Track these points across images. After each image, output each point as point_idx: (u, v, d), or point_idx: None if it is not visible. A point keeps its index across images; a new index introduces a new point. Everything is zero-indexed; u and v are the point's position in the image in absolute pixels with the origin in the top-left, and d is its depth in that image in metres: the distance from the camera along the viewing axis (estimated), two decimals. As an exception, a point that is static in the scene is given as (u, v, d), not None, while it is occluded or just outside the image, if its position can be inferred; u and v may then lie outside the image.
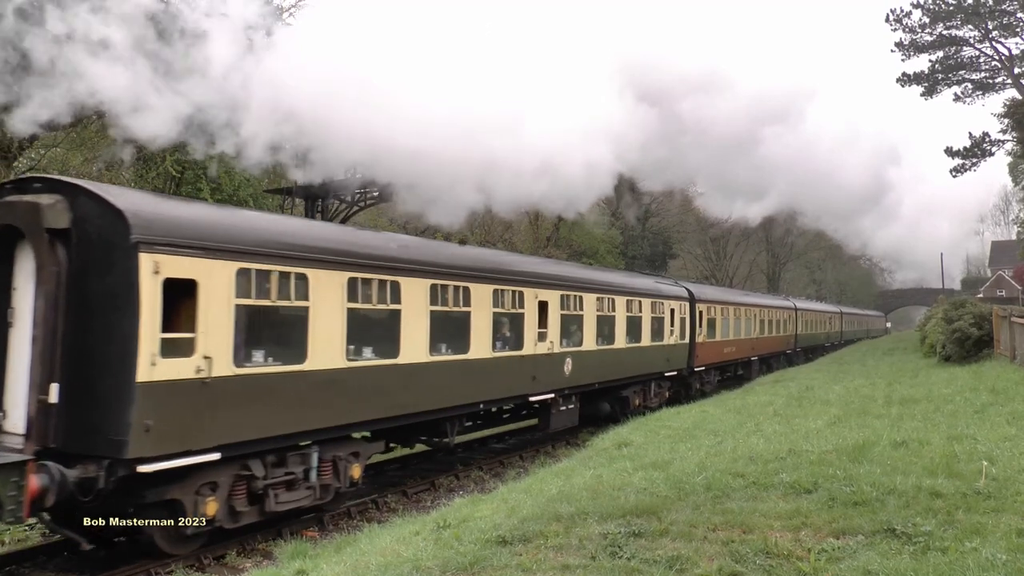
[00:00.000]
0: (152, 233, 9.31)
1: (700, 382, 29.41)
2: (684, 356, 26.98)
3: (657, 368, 24.75)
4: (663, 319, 24.96)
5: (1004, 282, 75.91)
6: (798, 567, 6.34)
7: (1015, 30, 44.88)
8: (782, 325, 42.83)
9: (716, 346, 30.50)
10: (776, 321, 41.54)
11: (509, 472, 17.40)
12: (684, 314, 27.01)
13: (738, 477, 9.47)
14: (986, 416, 13.70)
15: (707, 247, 70.70)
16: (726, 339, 31.86)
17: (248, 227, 11.22)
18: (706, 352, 29.08)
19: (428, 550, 7.67)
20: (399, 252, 13.84)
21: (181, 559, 10.65)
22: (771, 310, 41.06)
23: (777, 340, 41.74)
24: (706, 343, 29.07)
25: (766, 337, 39.14)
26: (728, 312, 32.20)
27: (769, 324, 39.79)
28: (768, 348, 39.80)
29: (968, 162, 44.97)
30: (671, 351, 25.75)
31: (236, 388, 10.27)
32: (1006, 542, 6.51)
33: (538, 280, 17.95)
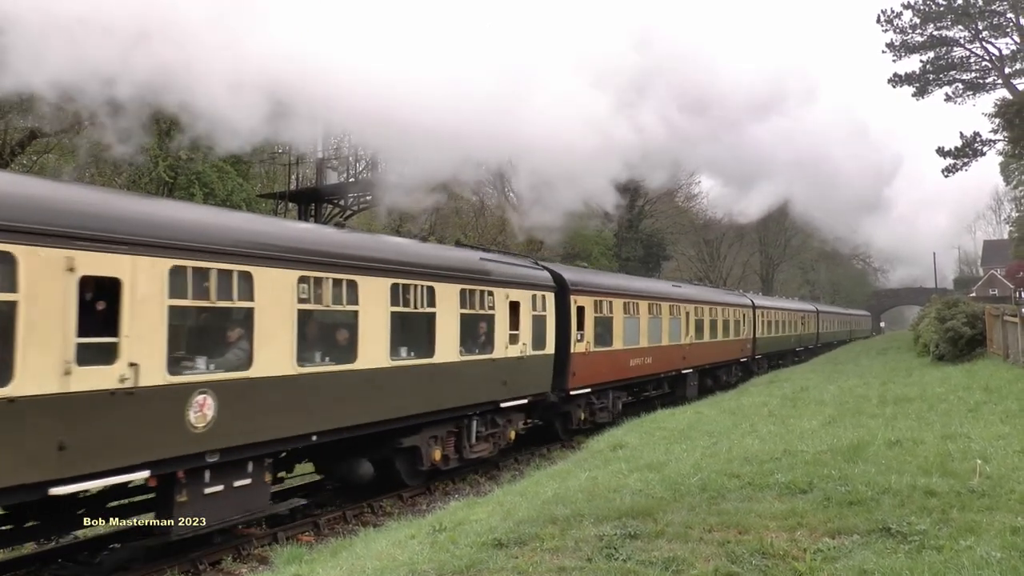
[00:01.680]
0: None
1: (585, 409, 21.35)
2: (546, 374, 18.66)
3: (483, 395, 16.03)
4: (492, 318, 16.34)
5: (996, 281, 76.26)
6: (794, 567, 6.34)
7: (1005, 30, 45.12)
8: (733, 327, 34.97)
9: (612, 357, 22.34)
10: (724, 322, 33.47)
11: (504, 475, 17.39)
12: (545, 310, 18.63)
13: (733, 478, 9.48)
14: (980, 415, 13.75)
15: (701, 248, 70.77)
16: (633, 347, 23.66)
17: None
18: (593, 366, 20.95)
19: (424, 554, 7.66)
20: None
21: (176, 564, 10.63)
22: (714, 307, 32.49)
23: (725, 346, 33.66)
24: (593, 353, 20.91)
25: (708, 343, 31.09)
26: (635, 309, 23.97)
27: (712, 326, 31.78)
28: (711, 357, 31.72)
29: (960, 162, 45.11)
30: (514, 369, 17.03)
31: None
32: (1000, 540, 6.53)
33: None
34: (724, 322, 33.47)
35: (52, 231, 8.24)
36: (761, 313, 40.07)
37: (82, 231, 8.52)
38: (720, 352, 33.01)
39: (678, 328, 27.72)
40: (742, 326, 36.45)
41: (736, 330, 35.40)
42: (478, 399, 15.73)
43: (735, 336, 35.29)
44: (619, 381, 23.04)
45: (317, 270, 11.54)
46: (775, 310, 44.31)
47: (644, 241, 53.89)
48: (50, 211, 8.40)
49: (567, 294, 19.77)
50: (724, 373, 34.34)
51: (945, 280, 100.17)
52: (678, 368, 27.85)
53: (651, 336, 25.06)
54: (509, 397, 16.71)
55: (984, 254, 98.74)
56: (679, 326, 27.80)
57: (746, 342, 37.17)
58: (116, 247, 8.82)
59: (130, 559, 10.97)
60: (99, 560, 11.11)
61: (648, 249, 54.04)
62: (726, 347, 33.85)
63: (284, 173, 27.90)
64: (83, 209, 8.85)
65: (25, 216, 8.07)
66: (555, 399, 19.40)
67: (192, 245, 9.68)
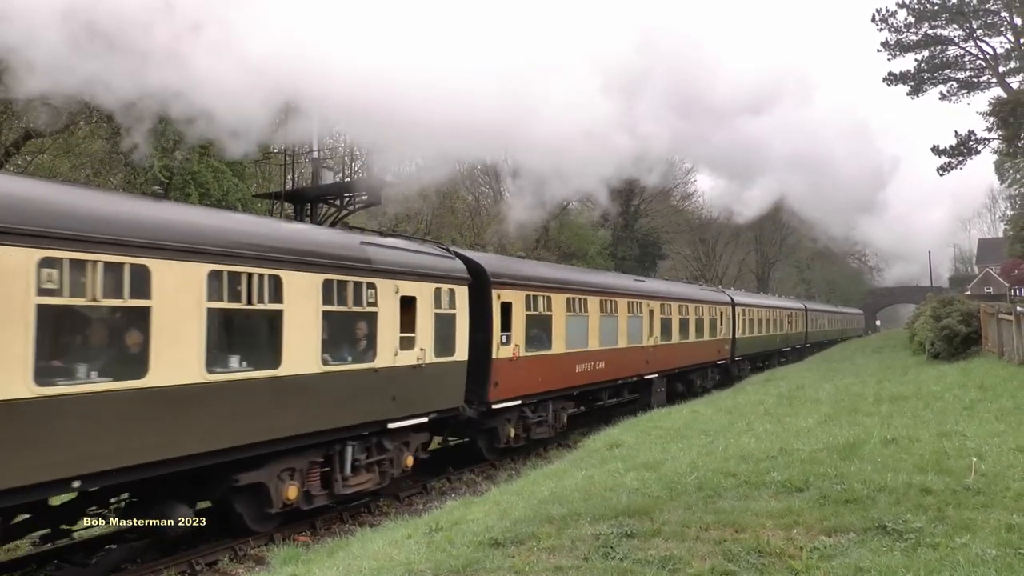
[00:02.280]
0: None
1: (517, 424, 18.07)
2: (457, 385, 15.42)
3: (360, 415, 12.74)
4: (374, 317, 12.91)
5: (992, 279, 76.39)
6: (790, 565, 6.35)
7: (999, 29, 45.26)
8: (709, 326, 31.95)
9: (551, 363, 19.00)
10: (697, 321, 30.43)
11: (501, 474, 17.40)
12: (455, 307, 15.21)
13: (730, 476, 9.49)
14: (975, 412, 13.78)
15: (696, 247, 70.84)
16: (580, 350, 20.49)
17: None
18: (524, 374, 17.67)
19: (420, 553, 7.66)
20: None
21: (173, 565, 10.62)
22: (685, 304, 29.32)
23: (699, 348, 30.57)
24: (524, 359, 17.60)
25: (677, 344, 28.10)
26: (582, 306, 20.77)
27: (683, 325, 28.70)
28: (682, 359, 28.75)
29: (955, 160, 45.20)
30: (408, 380, 13.72)
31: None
32: (995, 537, 6.55)
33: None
34: (698, 321, 30.46)
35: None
36: (742, 311, 37.02)
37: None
38: (693, 354, 29.82)
39: (639, 328, 24.52)
40: (719, 325, 33.44)
41: (712, 330, 32.46)
42: (353, 420, 12.50)
43: (711, 336, 32.26)
44: (562, 390, 19.60)
45: (64, 249, 8.32)
46: (758, 308, 41.03)
47: (640, 240, 53.94)
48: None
49: (487, 287, 16.53)
50: (698, 377, 31.19)
51: (941, 278, 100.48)
52: (640, 373, 24.70)
53: (604, 337, 21.81)
54: (401, 415, 13.61)
55: (979, 252, 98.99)
56: (641, 326, 24.61)
57: (724, 343, 34.17)
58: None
59: (126, 559, 10.96)
60: (95, 561, 11.10)
61: (644, 248, 54.10)
62: (700, 348, 30.69)
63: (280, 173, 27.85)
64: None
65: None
66: (473, 414, 16.16)
67: (68, 234, 8.37)
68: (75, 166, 25.11)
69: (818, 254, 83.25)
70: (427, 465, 16.63)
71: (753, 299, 42.62)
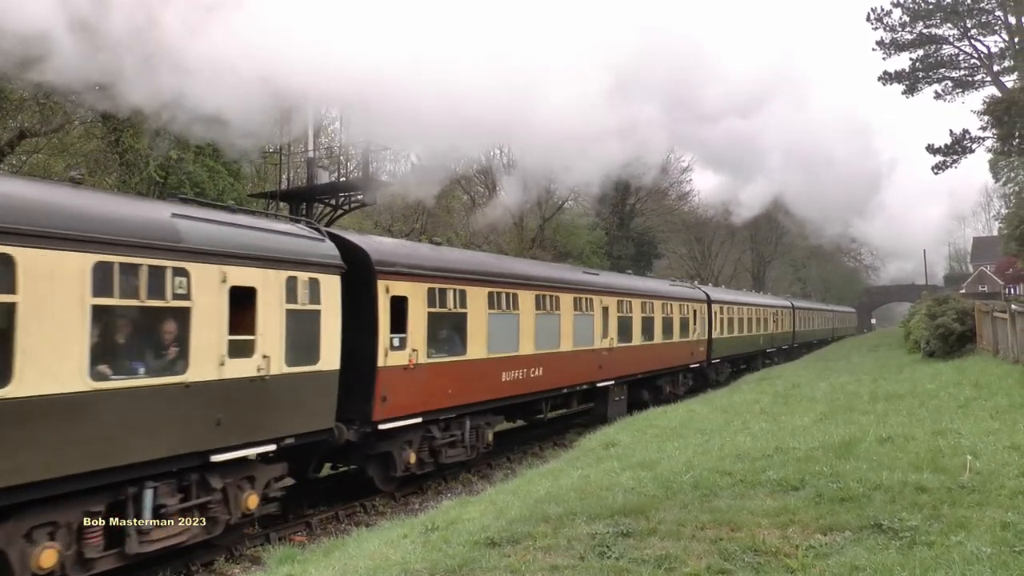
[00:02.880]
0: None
1: (420, 447, 14.86)
2: (324, 401, 12.11)
3: (163, 447, 9.52)
4: (186, 313, 9.84)
5: (986, 277, 76.59)
6: (786, 564, 6.36)
7: (993, 28, 45.33)
8: (680, 326, 28.73)
9: (466, 370, 15.77)
10: (666, 320, 27.34)
11: (497, 474, 17.40)
12: (319, 301, 12.01)
13: (725, 475, 9.50)
14: (970, 411, 13.81)
15: (692, 246, 70.87)
16: (508, 354, 17.14)
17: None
18: (426, 385, 14.51)
19: (416, 553, 7.66)
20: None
21: (170, 565, 10.59)
22: (650, 301, 26.17)
23: (668, 350, 27.37)
24: (426, 367, 14.42)
25: (641, 347, 24.96)
26: (511, 302, 17.37)
27: (647, 324, 25.63)
28: (647, 363, 25.57)
29: (949, 159, 45.28)
30: (244, 397, 10.63)
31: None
32: (990, 535, 6.56)
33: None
34: (666, 320, 27.36)
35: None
36: (720, 309, 33.86)
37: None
38: (660, 357, 26.69)
39: (590, 328, 21.34)
40: (693, 325, 30.24)
41: (684, 330, 29.30)
42: (153, 453, 9.34)
43: (683, 337, 29.06)
44: (483, 403, 16.42)
45: None
46: (739, 305, 37.79)
47: (635, 240, 53.96)
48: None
49: (372, 278, 13.34)
50: (667, 383, 28.03)
51: (936, 277, 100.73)
52: (592, 380, 21.55)
53: (542, 339, 18.51)
54: (232, 444, 10.43)
55: (974, 251, 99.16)
56: (592, 325, 21.45)
57: (699, 344, 31.01)
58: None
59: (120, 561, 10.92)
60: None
61: (639, 248, 54.13)
62: (669, 351, 27.50)
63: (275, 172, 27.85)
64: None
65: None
66: (353, 437, 12.90)
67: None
68: (69, 166, 25.05)
69: (814, 253, 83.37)
70: (314, 496, 14.69)
71: (733, 296, 39.15)
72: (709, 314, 32.38)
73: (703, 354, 31.61)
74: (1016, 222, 40.61)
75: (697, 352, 30.84)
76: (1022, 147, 37.55)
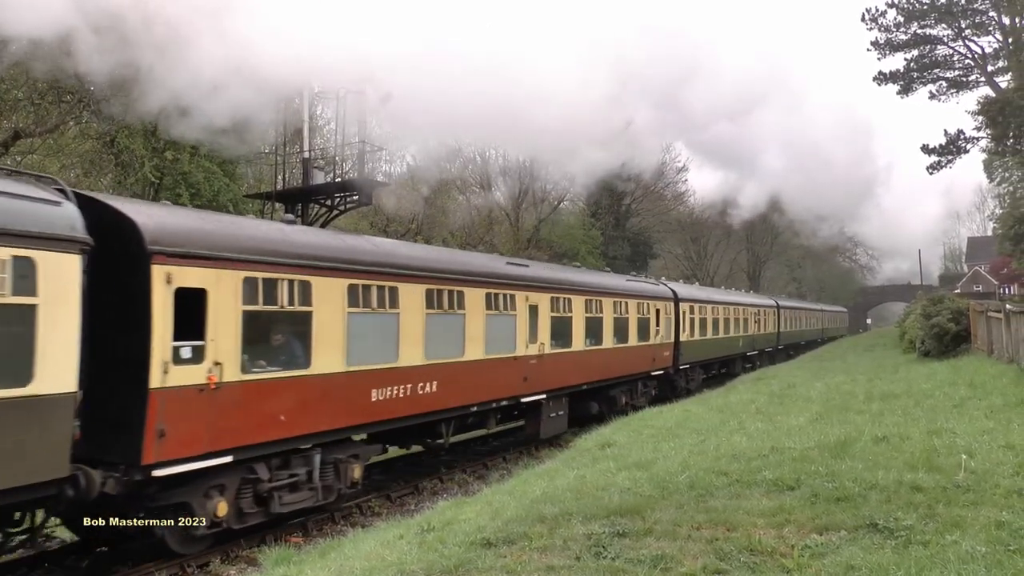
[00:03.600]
0: None
1: (241, 493, 11.21)
2: (46, 441, 8.42)
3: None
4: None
5: (981, 277, 76.85)
6: (782, 564, 6.37)
7: (987, 28, 45.40)
8: (638, 327, 24.92)
9: (309, 389, 11.99)
10: (620, 320, 23.57)
11: (493, 474, 17.40)
12: (25, 290, 8.22)
13: (721, 475, 9.51)
14: (964, 410, 13.84)
15: (688, 247, 70.95)
16: (382, 366, 13.53)
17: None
18: (244, 409, 10.81)
19: (412, 554, 7.65)
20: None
21: (164, 567, 10.57)
22: (599, 299, 22.37)
23: (621, 356, 23.58)
24: (240, 387, 10.75)
25: (584, 352, 21.24)
26: (385, 297, 13.75)
27: (595, 326, 21.91)
28: (595, 372, 21.96)
29: (944, 159, 45.37)
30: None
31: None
32: (985, 534, 6.58)
33: None
34: (620, 321, 23.50)
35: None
36: (690, 308, 30.18)
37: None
38: (610, 365, 22.81)
39: (510, 331, 17.55)
40: (655, 326, 26.40)
41: (644, 332, 25.38)
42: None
43: (642, 340, 25.16)
44: (342, 431, 12.72)
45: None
46: (713, 304, 33.86)
47: (631, 240, 54.01)
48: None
49: (141, 260, 9.60)
50: (624, 393, 24.28)
51: (931, 276, 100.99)
52: (516, 395, 17.79)
53: (436, 346, 14.80)
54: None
55: (968, 251, 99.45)
56: (513, 328, 17.71)
57: (664, 348, 27.18)
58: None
59: (117, 562, 10.91)
60: (85, 564, 11.06)
61: (635, 248, 54.17)
62: (623, 356, 23.73)
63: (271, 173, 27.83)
64: None
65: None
66: (113, 489, 9.28)
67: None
68: (65, 166, 25.00)
69: (809, 253, 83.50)
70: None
71: (706, 294, 35.68)
72: (676, 314, 28.73)
73: (668, 359, 27.90)
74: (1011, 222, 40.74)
75: (661, 357, 27.12)
76: (1016, 147, 37.63)
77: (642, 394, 25.95)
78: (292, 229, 12.79)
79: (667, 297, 28.35)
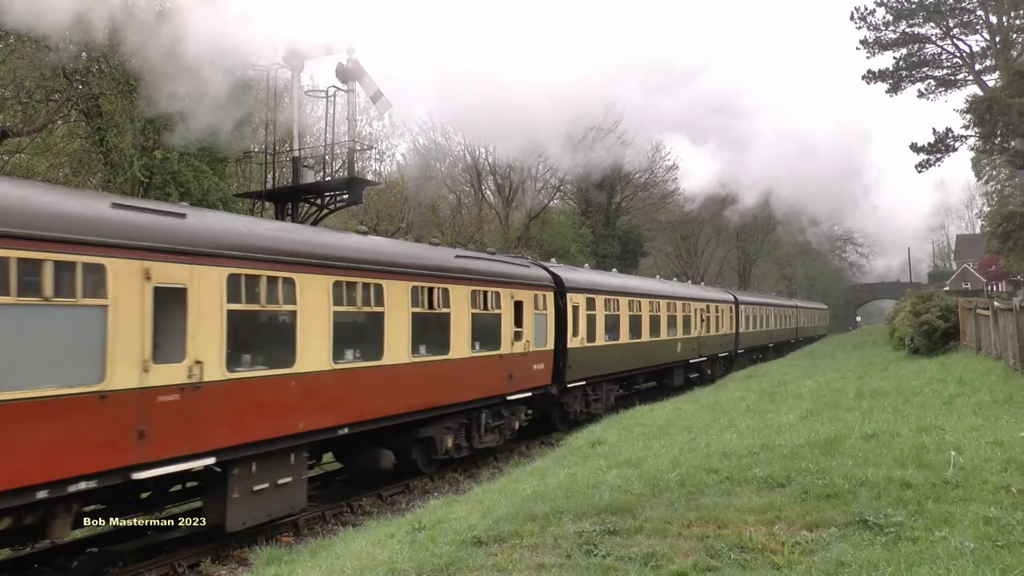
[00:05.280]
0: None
1: None
2: None
3: None
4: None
5: (969, 275, 77.31)
6: (772, 560, 6.38)
7: (975, 27, 45.67)
8: (485, 332, 16.96)
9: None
10: (426, 320, 14.89)
11: (483, 472, 17.39)
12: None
13: (712, 473, 9.53)
14: (953, 407, 13.92)
15: (678, 245, 70.99)
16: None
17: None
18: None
19: (403, 552, 7.65)
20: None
21: (155, 567, 10.53)
22: (372, 280, 13.40)
23: (431, 375, 15.05)
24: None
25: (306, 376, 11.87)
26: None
27: (364, 333, 13.41)
28: (357, 407, 13.08)
29: (932, 157, 45.56)
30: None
31: None
32: (974, 530, 6.61)
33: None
34: (435, 319, 15.28)
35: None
36: (584, 302, 21.76)
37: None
38: (413, 387, 14.49)
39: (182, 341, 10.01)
40: (505, 328, 17.75)
41: (491, 339, 17.22)
42: None
43: (488, 349, 17.02)
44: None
45: None
46: (624, 297, 24.89)
47: (621, 238, 54.04)
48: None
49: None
50: (453, 431, 16.22)
51: (920, 274, 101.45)
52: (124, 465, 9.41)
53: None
54: None
55: (957, 248, 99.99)
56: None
57: (533, 359, 18.96)
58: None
59: (107, 563, 10.86)
60: (76, 564, 11.00)
61: (625, 246, 54.20)
62: (437, 376, 15.28)
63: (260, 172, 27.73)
64: None
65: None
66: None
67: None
68: (53, 165, 24.85)
69: (799, 251, 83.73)
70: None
71: (616, 281, 26.01)
72: (566, 309, 20.73)
73: (543, 375, 19.64)
74: (998, 220, 40.98)
75: (529, 372, 18.76)
76: (1004, 145, 37.84)
77: (492, 429, 17.84)
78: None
79: (541, 284, 19.75)
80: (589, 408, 23.03)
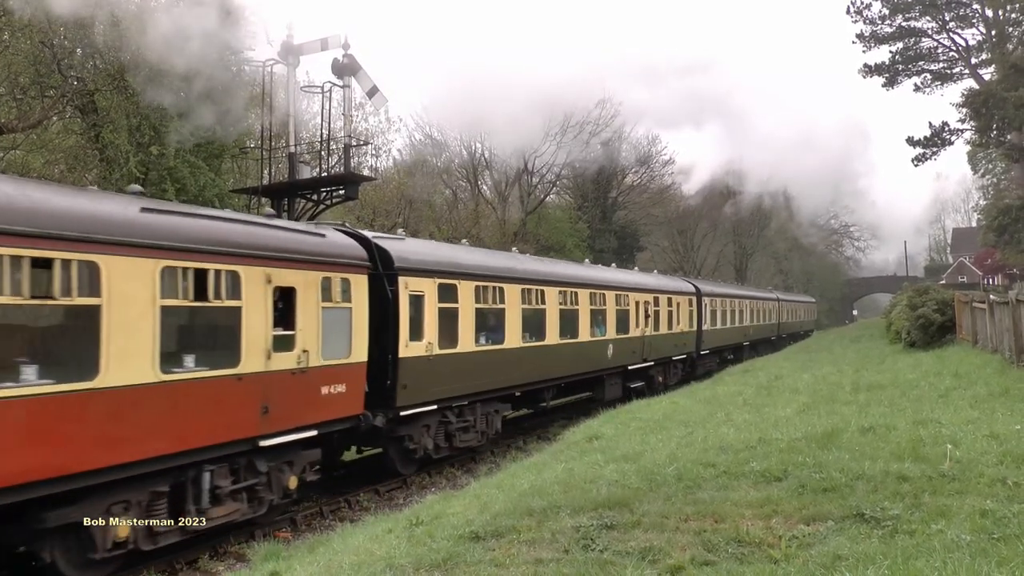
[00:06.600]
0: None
1: None
2: None
3: None
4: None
5: (965, 268, 77.47)
6: (769, 554, 6.39)
7: (971, 21, 45.70)
8: (218, 334, 11.03)
9: None
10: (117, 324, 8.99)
11: (481, 468, 17.41)
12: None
13: (709, 467, 9.53)
14: (950, 400, 13.94)
15: (674, 239, 70.96)
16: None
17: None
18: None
19: (401, 548, 7.65)
20: None
21: (153, 563, 10.52)
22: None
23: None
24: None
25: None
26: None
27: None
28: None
29: (928, 151, 45.58)
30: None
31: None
32: (970, 523, 6.62)
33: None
34: (59, 316, 8.96)
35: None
36: (445, 290, 15.97)
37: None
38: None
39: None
40: (251, 332, 11.13)
41: (216, 348, 11.03)
42: None
43: (212, 367, 10.53)
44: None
45: None
46: (525, 285, 19.14)
47: (617, 233, 54.04)
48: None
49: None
50: (120, 509, 9.55)
51: (916, 268, 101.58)
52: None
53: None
54: None
55: (953, 242, 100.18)
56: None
57: (313, 382, 12.33)
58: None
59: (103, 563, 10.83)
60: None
61: (622, 241, 54.21)
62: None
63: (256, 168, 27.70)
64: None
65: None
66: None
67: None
68: (49, 162, 24.79)
69: (796, 245, 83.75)
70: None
71: (499, 262, 19.26)
72: (389, 298, 14.52)
73: (352, 399, 13.35)
74: (994, 213, 41.02)
75: (311, 399, 12.40)
76: (1000, 139, 37.87)
77: (232, 493, 11.28)
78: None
79: (339, 260, 13.25)
80: (453, 441, 16.71)
